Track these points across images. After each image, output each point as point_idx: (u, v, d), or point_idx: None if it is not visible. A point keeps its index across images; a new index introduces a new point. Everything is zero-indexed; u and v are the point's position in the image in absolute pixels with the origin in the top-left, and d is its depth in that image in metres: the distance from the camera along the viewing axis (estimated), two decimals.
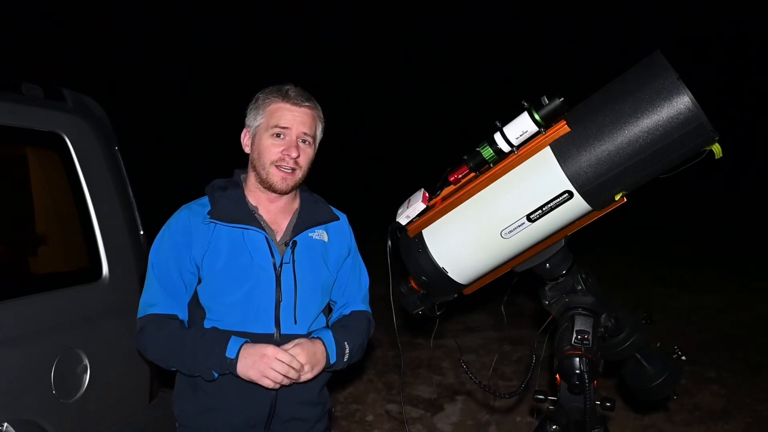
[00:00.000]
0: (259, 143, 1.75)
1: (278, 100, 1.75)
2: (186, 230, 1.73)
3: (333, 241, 1.89)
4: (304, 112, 1.75)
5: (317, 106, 1.81)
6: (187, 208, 1.78)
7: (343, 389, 4.50)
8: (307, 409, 1.82)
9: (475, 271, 1.66)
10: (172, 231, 1.75)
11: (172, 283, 1.73)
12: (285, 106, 1.74)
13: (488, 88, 18.74)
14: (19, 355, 2.10)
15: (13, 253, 2.47)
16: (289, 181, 1.74)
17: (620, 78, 1.44)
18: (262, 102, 1.77)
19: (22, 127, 2.30)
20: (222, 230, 1.74)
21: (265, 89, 1.80)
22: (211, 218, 1.73)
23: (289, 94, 1.75)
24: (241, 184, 1.84)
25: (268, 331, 1.73)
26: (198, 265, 1.72)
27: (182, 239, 1.73)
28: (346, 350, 1.78)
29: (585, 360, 1.45)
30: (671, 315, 6.33)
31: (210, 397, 1.74)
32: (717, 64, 16.23)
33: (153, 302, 1.74)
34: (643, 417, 4.08)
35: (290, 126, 1.73)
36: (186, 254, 1.72)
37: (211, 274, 1.72)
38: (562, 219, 1.50)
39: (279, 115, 1.73)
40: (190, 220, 1.74)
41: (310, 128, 1.76)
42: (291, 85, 1.79)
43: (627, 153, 1.38)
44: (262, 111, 1.76)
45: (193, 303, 1.77)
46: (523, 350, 5.20)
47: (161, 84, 18.68)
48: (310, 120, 1.76)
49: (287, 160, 1.72)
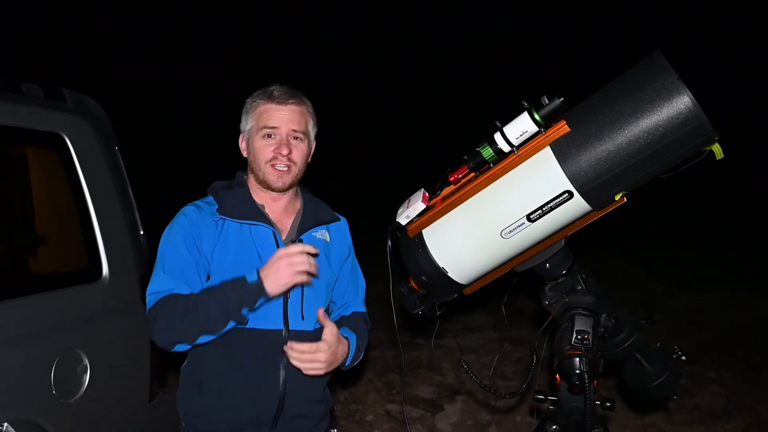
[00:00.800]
0: (253, 145, 1.80)
1: (264, 101, 1.79)
2: (195, 223, 1.74)
3: (335, 241, 1.93)
4: (291, 109, 1.78)
5: (305, 101, 1.84)
6: (194, 205, 1.80)
7: (343, 389, 4.51)
8: (313, 405, 1.85)
9: (475, 271, 1.66)
10: (183, 224, 1.74)
11: (185, 269, 1.69)
12: (271, 107, 1.78)
13: (488, 88, 18.75)
14: (19, 355, 2.10)
15: (13, 253, 2.47)
16: (285, 178, 1.78)
17: (620, 78, 1.44)
18: (250, 106, 1.82)
19: (22, 127, 2.30)
20: (231, 227, 1.76)
21: (253, 93, 1.84)
22: (220, 215, 1.74)
23: (274, 94, 1.79)
24: (245, 184, 1.87)
25: (276, 326, 1.74)
26: (208, 259, 1.73)
27: (193, 230, 1.73)
28: (361, 355, 1.84)
29: (585, 360, 1.45)
30: (671, 315, 6.33)
31: (216, 395, 1.74)
32: (717, 64, 16.24)
33: (160, 289, 1.67)
34: (643, 417, 4.08)
35: (278, 125, 1.76)
36: (197, 245, 1.72)
37: (220, 271, 1.72)
38: (562, 219, 1.50)
39: (267, 116, 1.77)
40: (198, 216, 1.76)
41: (299, 124, 1.79)
42: (276, 85, 1.82)
43: (627, 153, 1.38)
44: (251, 114, 1.81)
45: None
46: (523, 350, 5.20)
47: (161, 84, 18.68)
48: (298, 116, 1.79)
49: (280, 159, 1.75)
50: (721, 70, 16.17)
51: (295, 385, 1.75)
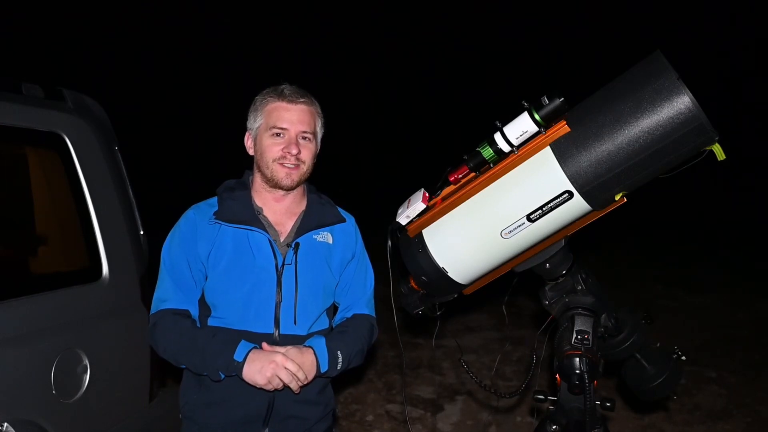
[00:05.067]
0: (261, 143, 1.79)
1: (275, 99, 1.79)
2: (193, 228, 1.79)
3: (337, 244, 1.90)
4: (301, 109, 1.78)
5: (314, 102, 1.84)
6: (195, 208, 1.84)
7: (343, 389, 4.50)
8: (306, 407, 1.84)
9: (475, 271, 1.66)
10: (182, 229, 1.81)
11: (183, 278, 1.78)
12: (281, 105, 1.77)
13: (488, 88, 18.75)
14: (19, 355, 2.10)
15: (13, 253, 2.46)
16: (294, 176, 1.77)
17: (620, 78, 1.44)
18: (260, 103, 1.82)
19: (22, 127, 2.30)
20: (227, 230, 1.78)
21: (262, 91, 1.84)
22: (216, 219, 1.77)
23: (285, 93, 1.79)
24: (248, 185, 1.87)
25: (267, 330, 1.76)
26: (204, 263, 1.77)
27: (190, 236, 1.78)
28: (339, 359, 1.78)
29: (585, 360, 1.45)
30: (671, 315, 6.33)
31: (213, 392, 1.78)
32: (718, 65, 16.23)
33: (165, 297, 1.79)
34: (643, 417, 4.08)
35: (288, 126, 1.76)
36: (194, 251, 1.77)
37: (215, 273, 1.76)
38: (562, 219, 1.50)
39: (276, 115, 1.77)
40: (197, 219, 1.80)
41: (309, 125, 1.79)
42: (287, 84, 1.82)
43: (627, 153, 1.38)
44: (260, 112, 1.80)
45: (201, 301, 1.81)
46: (523, 350, 5.20)
47: (161, 84, 18.68)
48: (307, 117, 1.80)
49: (288, 158, 1.76)
50: (722, 70, 16.15)
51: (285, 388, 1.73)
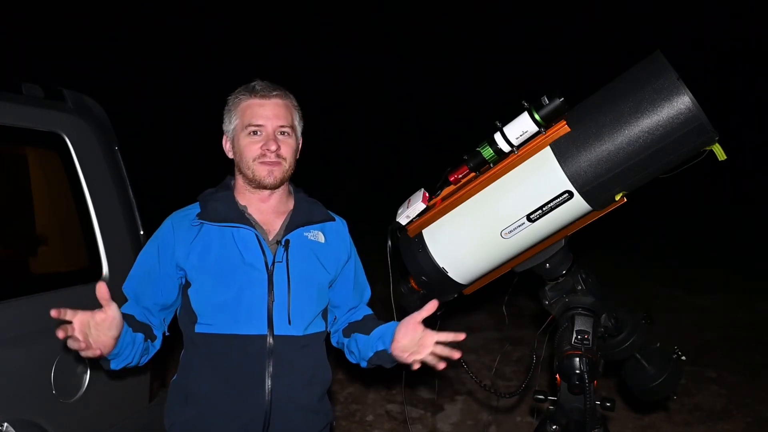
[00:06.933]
0: (239, 144, 1.73)
1: (247, 97, 1.73)
2: (169, 234, 1.72)
3: (330, 243, 1.83)
4: (275, 103, 1.72)
5: (288, 95, 1.77)
6: (173, 215, 1.78)
7: (343, 389, 4.50)
8: (307, 417, 1.75)
9: (475, 271, 1.66)
10: (157, 235, 1.76)
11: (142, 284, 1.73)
12: (254, 102, 1.72)
13: (488, 88, 18.75)
14: (19, 355, 2.10)
15: (13, 253, 2.46)
16: (276, 173, 1.70)
17: (620, 78, 1.44)
18: (232, 103, 1.76)
19: (22, 127, 2.30)
20: (212, 230, 1.71)
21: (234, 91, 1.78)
22: (199, 219, 1.70)
23: (256, 89, 1.73)
24: (231, 187, 1.81)
25: (260, 332, 1.67)
26: (183, 267, 1.69)
27: (165, 243, 1.72)
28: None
29: (585, 360, 1.46)
30: (671, 315, 6.33)
31: (203, 405, 1.69)
32: (719, 64, 16.23)
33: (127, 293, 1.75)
34: (643, 417, 4.08)
35: (264, 122, 1.70)
36: (168, 257, 1.70)
37: (200, 276, 1.68)
38: (562, 219, 1.50)
39: (251, 113, 1.71)
40: (174, 225, 1.74)
41: (285, 119, 1.73)
42: (258, 80, 1.76)
43: (627, 153, 1.38)
44: (234, 112, 1.75)
45: (185, 308, 1.74)
46: (524, 350, 5.20)
47: (161, 84, 18.68)
48: (283, 111, 1.73)
49: (268, 155, 1.69)
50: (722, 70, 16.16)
51: (283, 394, 1.66)
